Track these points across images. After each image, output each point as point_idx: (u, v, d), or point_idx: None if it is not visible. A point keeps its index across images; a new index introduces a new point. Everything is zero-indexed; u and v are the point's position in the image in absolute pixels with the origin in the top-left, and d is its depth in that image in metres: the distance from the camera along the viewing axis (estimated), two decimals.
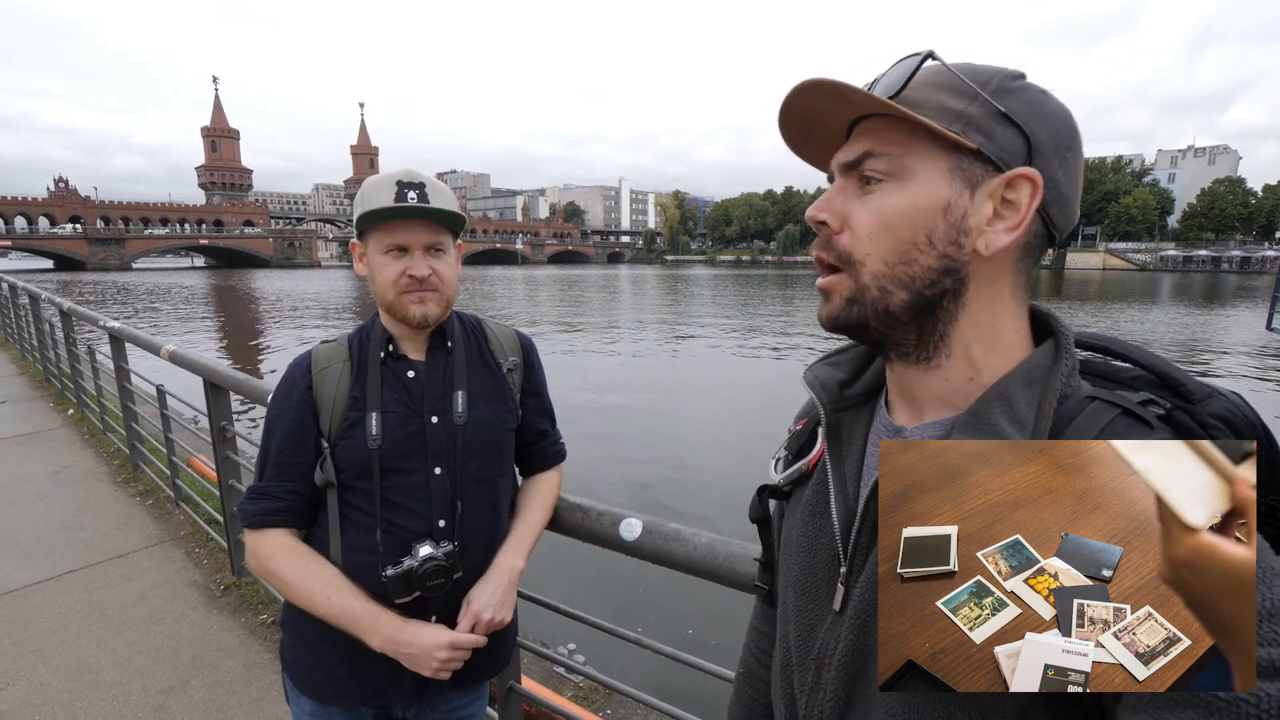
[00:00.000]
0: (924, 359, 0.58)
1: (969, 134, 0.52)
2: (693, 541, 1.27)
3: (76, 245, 79.87)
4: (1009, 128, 0.52)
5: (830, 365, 0.69)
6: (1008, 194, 0.52)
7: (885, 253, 0.54)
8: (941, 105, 0.52)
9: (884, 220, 0.54)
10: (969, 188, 0.53)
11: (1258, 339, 18.70)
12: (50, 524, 3.93)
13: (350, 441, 1.20)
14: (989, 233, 0.53)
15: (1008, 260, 0.55)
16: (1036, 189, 0.51)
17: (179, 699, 2.48)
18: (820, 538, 0.65)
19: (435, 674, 1.18)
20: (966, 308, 0.56)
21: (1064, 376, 0.54)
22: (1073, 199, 0.55)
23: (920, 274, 0.54)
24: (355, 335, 1.29)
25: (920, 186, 0.53)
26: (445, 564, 1.19)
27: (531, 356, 1.41)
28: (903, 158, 0.53)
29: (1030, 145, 0.52)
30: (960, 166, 0.53)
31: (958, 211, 0.53)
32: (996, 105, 0.52)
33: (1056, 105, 0.54)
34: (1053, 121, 0.53)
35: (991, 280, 0.56)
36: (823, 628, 0.63)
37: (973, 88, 0.52)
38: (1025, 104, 0.52)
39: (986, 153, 0.52)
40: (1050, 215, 0.54)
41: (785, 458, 0.74)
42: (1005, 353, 0.57)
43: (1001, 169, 0.52)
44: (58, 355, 6.86)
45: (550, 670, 2.64)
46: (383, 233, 1.18)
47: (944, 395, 0.58)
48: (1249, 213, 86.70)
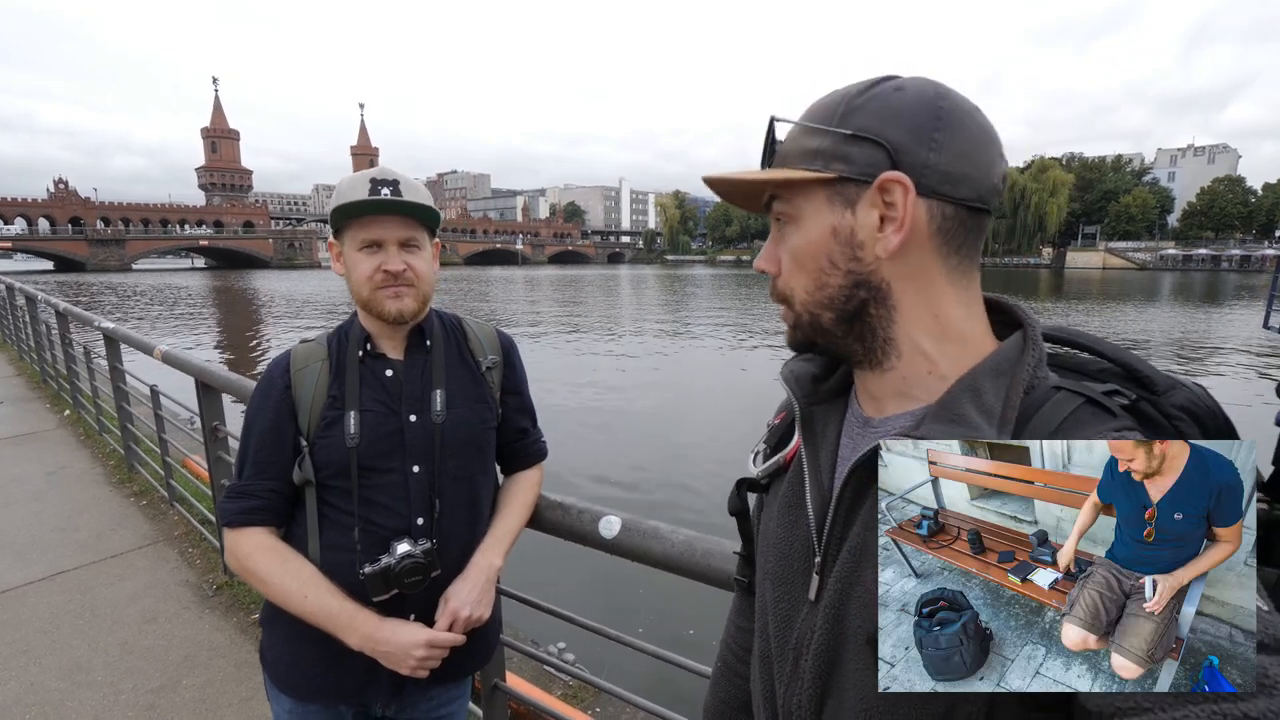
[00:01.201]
0: (876, 364, 0.61)
1: (829, 165, 0.57)
2: (670, 539, 1.28)
3: (76, 246, 79.86)
4: (862, 144, 0.56)
5: (805, 361, 0.72)
6: (886, 198, 0.55)
7: (804, 283, 0.61)
8: (803, 149, 0.59)
9: (794, 257, 0.61)
10: (849, 207, 0.57)
11: (1256, 337, 18.69)
12: (44, 524, 3.94)
13: (328, 440, 1.21)
14: (881, 239, 0.56)
15: (924, 253, 0.57)
16: (906, 186, 0.54)
17: (169, 698, 2.48)
18: (796, 529, 0.67)
19: (413, 672, 1.18)
20: (898, 308, 0.59)
21: (1030, 367, 0.56)
22: (967, 169, 0.55)
23: (836, 293, 0.60)
24: (334, 335, 1.29)
25: (809, 221, 0.60)
26: (423, 561, 1.19)
27: (512, 355, 1.42)
28: (791, 200, 0.60)
29: (889, 150, 0.55)
30: (836, 192, 0.58)
31: (844, 231, 0.58)
32: (843, 131, 0.56)
33: (911, 96, 0.56)
34: (907, 115, 0.55)
35: (915, 276, 0.58)
36: (799, 618, 0.64)
37: (818, 126, 0.58)
38: (872, 114, 0.56)
39: (848, 175, 0.56)
40: (948, 194, 0.55)
41: (764, 451, 0.76)
42: (961, 342, 0.59)
43: (870, 182, 0.56)
44: (54, 356, 6.87)
45: (540, 669, 2.64)
46: (357, 229, 1.19)
47: (902, 390, 0.61)
48: (1249, 211, 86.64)
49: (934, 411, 0.56)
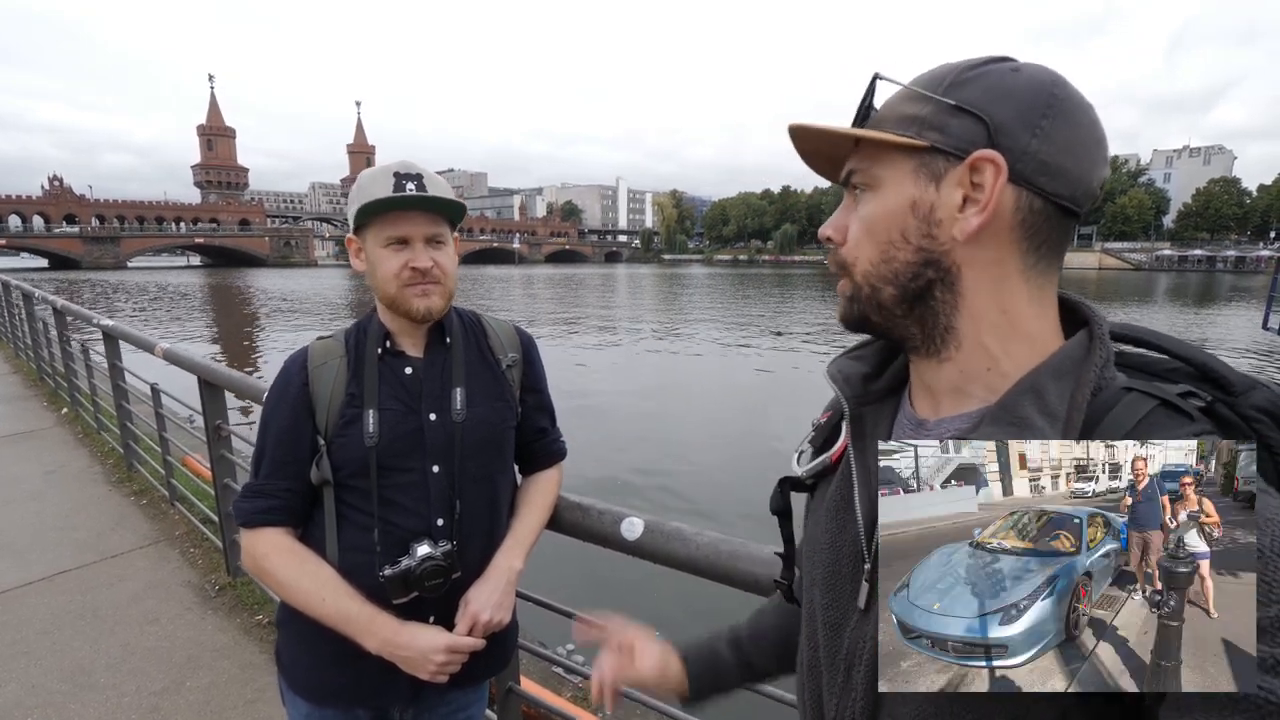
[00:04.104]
0: (933, 352, 0.59)
1: (923, 133, 0.55)
2: (695, 541, 1.26)
3: (71, 244, 79.51)
4: (963, 117, 0.53)
5: (853, 359, 0.69)
6: (974, 178, 0.53)
7: (869, 254, 0.59)
8: (901, 115, 0.56)
9: (865, 225, 0.59)
10: (934, 181, 0.55)
11: (1254, 338, 18.77)
12: (43, 524, 3.90)
13: (347, 439, 1.18)
14: (961, 219, 0.54)
15: (1003, 242, 0.54)
16: (999, 167, 0.52)
17: (173, 700, 2.45)
18: (844, 534, 0.65)
19: (433, 677, 1.16)
20: (965, 296, 0.56)
21: (1098, 368, 0.53)
22: (1068, 164, 0.53)
23: (901, 268, 0.57)
24: (352, 331, 1.26)
25: (889, 190, 0.57)
26: (444, 564, 1.17)
27: (531, 353, 1.39)
28: (872, 169, 0.58)
29: (990, 128, 0.52)
30: (923, 164, 0.55)
31: (925, 205, 0.55)
32: (947, 101, 0.54)
33: (1025, 78, 0.53)
34: (1017, 96, 0.53)
35: (990, 265, 0.55)
36: (849, 626, 0.62)
37: (923, 92, 0.55)
38: (982, 89, 0.53)
39: (942, 146, 0.54)
40: (1041, 186, 0.53)
41: (809, 450, 0.73)
42: (1027, 341, 0.56)
43: (963, 158, 0.53)
44: (51, 354, 6.82)
45: (549, 670, 2.62)
46: (381, 225, 1.16)
47: (959, 386, 0.58)
48: (1244, 212, 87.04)
49: (992, 413, 0.54)
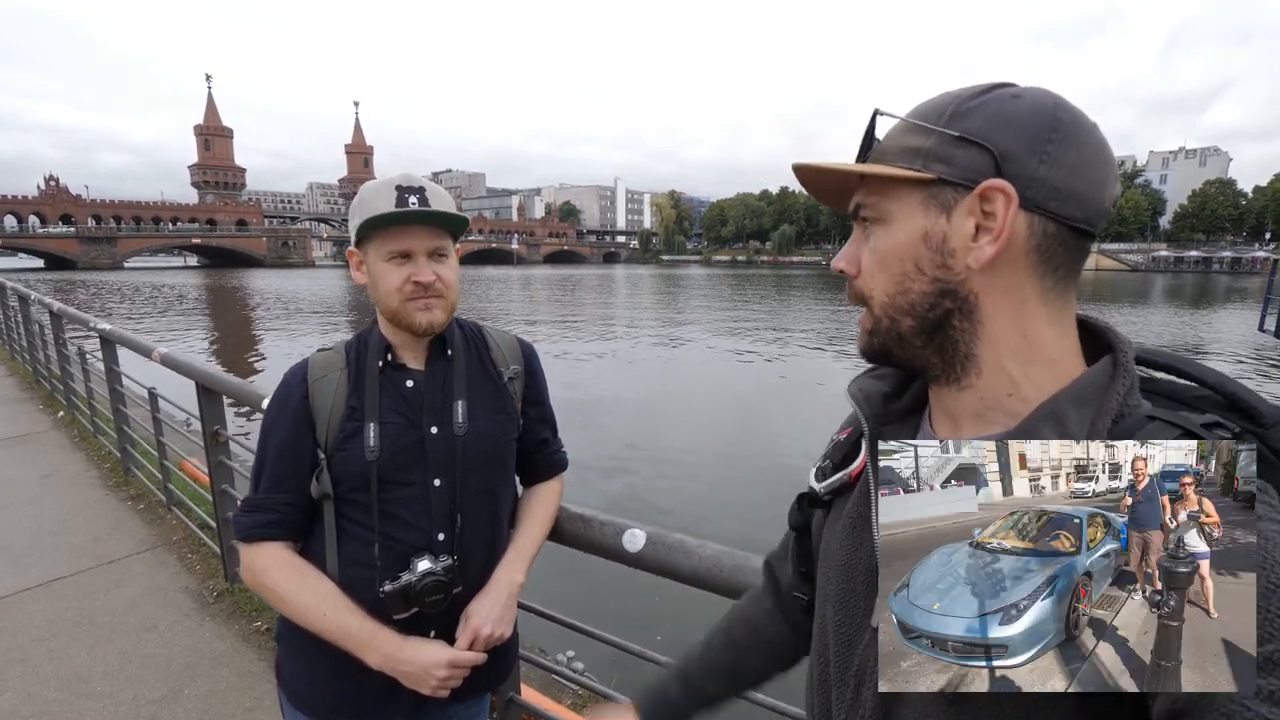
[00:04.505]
0: (954, 379, 0.59)
1: (929, 166, 0.55)
2: (698, 553, 1.25)
3: (67, 244, 79.23)
4: (968, 148, 0.53)
5: (875, 378, 0.69)
6: (985, 207, 0.53)
7: (885, 286, 0.59)
8: (904, 148, 0.57)
9: (879, 259, 0.59)
10: (944, 212, 0.55)
11: (1251, 340, 18.82)
12: (39, 529, 3.88)
13: (347, 453, 1.17)
14: (975, 248, 0.54)
15: (1019, 268, 0.54)
16: (1009, 197, 0.52)
17: (171, 709, 2.44)
18: (860, 551, 0.65)
19: (434, 692, 1.15)
20: (985, 324, 0.56)
21: (1121, 395, 0.52)
22: (1078, 186, 0.52)
23: (918, 300, 0.57)
24: (353, 344, 1.25)
25: (899, 223, 0.57)
26: (444, 579, 1.16)
27: (533, 364, 1.38)
28: (881, 203, 0.58)
29: (996, 157, 0.52)
30: (932, 196, 0.55)
31: (937, 236, 0.55)
32: (949, 132, 0.54)
33: (1027, 105, 0.53)
34: (1020, 123, 0.53)
35: (1008, 291, 0.55)
36: (861, 643, 0.63)
37: (924, 125, 0.56)
38: (984, 118, 0.54)
39: (949, 178, 0.54)
40: (1053, 210, 0.52)
41: (826, 467, 0.73)
42: (1049, 365, 0.56)
43: (972, 188, 0.53)
44: (47, 357, 6.78)
45: (548, 678, 2.61)
46: (384, 239, 1.15)
47: (979, 412, 0.58)
48: (1239, 214, 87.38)
49: (1012, 438, 0.53)
